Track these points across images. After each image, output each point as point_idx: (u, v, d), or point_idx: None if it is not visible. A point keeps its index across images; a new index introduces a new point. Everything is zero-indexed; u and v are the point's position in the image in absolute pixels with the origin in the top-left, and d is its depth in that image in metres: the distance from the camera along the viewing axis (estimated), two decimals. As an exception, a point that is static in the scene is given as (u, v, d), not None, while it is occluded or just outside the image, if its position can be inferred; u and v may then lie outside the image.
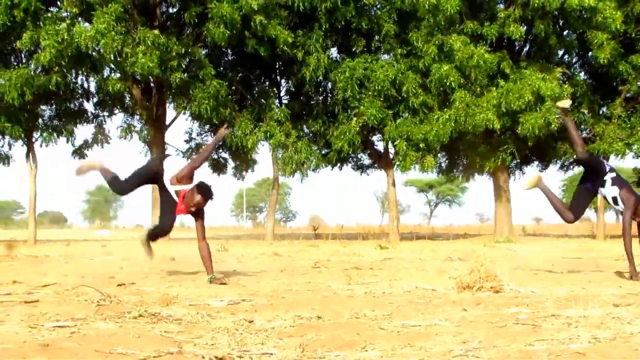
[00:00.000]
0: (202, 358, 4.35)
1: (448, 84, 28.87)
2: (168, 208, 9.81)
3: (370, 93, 29.91)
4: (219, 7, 27.14)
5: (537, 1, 28.08)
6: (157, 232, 10.16)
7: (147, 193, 35.49)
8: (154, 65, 26.56)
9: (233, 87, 32.63)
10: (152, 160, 11.00)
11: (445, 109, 29.66)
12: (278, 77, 34.95)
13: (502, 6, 30.96)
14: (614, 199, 10.43)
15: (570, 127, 11.05)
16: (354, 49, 31.89)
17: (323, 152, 33.86)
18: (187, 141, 35.43)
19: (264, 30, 28.03)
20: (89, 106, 33.49)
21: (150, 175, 9.84)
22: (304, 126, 33.60)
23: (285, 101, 34.39)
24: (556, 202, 10.92)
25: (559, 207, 10.84)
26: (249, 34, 28.52)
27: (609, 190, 10.44)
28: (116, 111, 34.09)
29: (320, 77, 31.29)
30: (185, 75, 29.26)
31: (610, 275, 11.03)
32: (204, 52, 30.14)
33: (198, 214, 9.62)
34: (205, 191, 9.47)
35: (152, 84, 31.55)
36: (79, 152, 33.20)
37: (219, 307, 6.91)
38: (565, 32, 32.79)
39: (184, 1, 29.66)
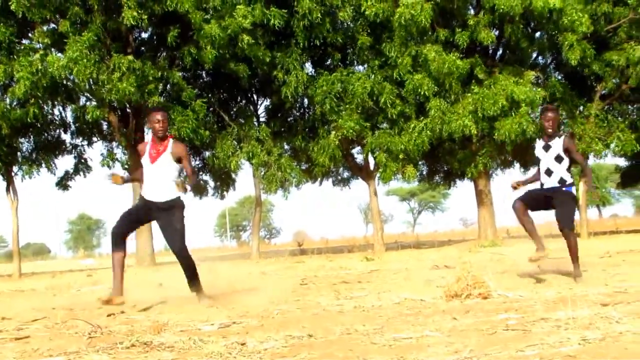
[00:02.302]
0: (197, 384, 4.37)
1: (422, 93, 28.92)
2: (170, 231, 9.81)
3: (347, 106, 29.95)
4: (207, 28, 27.11)
5: (503, 6, 28.23)
6: (185, 269, 9.98)
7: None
8: (134, 90, 26.52)
9: (211, 109, 32.58)
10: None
11: (422, 118, 29.73)
12: (255, 96, 34.92)
13: (472, 12, 31.11)
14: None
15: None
16: (329, 64, 31.95)
17: (304, 167, 33.89)
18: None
19: (250, 51, 28.03)
20: (67, 137, 33.43)
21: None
22: (285, 143, 33.60)
23: (264, 119, 34.40)
24: None
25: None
26: (230, 55, 28.50)
27: None
28: (95, 139, 33.98)
29: (297, 96, 31.25)
30: (163, 99, 29.23)
31: (596, 274, 11.08)
32: (180, 75, 30.04)
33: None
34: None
35: (128, 110, 31.45)
36: (62, 184, 33.12)
37: (210, 331, 6.91)
38: (537, 35, 32.94)
39: (160, 25, 29.56)
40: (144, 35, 32.18)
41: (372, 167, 33.51)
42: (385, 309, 7.97)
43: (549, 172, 10.42)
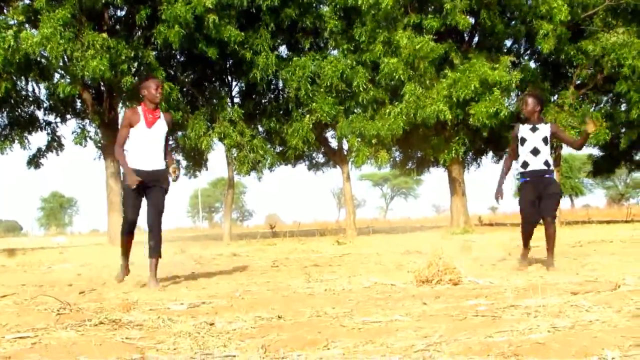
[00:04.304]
0: (164, 364, 4.34)
1: (397, 77, 28.90)
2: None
3: (322, 90, 29.92)
4: (172, 7, 26.99)
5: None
6: (155, 243, 9.83)
7: (102, 197, 35.15)
8: (105, 68, 26.36)
9: (185, 89, 32.47)
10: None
11: (397, 102, 29.73)
12: (229, 78, 34.82)
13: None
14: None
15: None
16: (301, 47, 31.92)
17: (278, 150, 33.87)
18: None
19: (217, 31, 27.94)
20: (40, 114, 33.25)
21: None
22: (258, 125, 33.55)
23: (238, 101, 34.30)
24: None
25: None
26: (199, 35, 28.41)
27: None
28: (68, 117, 33.79)
29: (271, 76, 31.20)
30: (136, 78, 29.10)
31: (567, 262, 11.11)
32: (153, 54, 29.89)
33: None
34: None
35: (102, 88, 31.28)
36: (34, 161, 32.96)
37: (180, 310, 6.88)
38: (512, 22, 32.99)
39: (133, 4, 29.40)
40: (120, 13, 31.97)
41: (345, 151, 33.51)
42: (356, 292, 7.96)
43: (535, 152, 10.39)
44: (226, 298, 7.79)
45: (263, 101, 34.14)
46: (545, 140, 10.40)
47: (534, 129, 10.46)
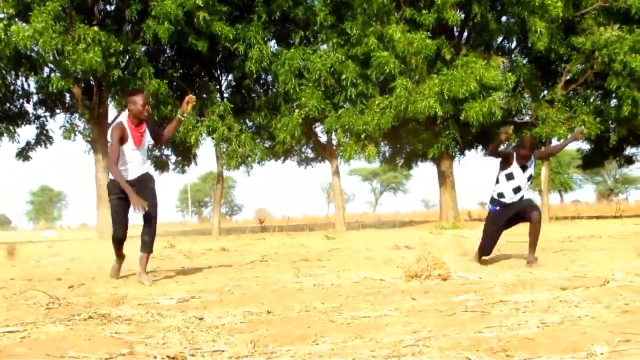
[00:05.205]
0: (154, 358, 4.32)
1: (388, 71, 28.88)
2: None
3: (310, 84, 29.88)
4: (162, 4, 26.93)
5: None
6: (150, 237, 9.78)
7: (91, 192, 35.13)
8: (100, 61, 26.29)
9: (174, 84, 32.42)
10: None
11: (387, 96, 29.72)
12: (218, 72, 34.77)
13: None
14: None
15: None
16: (291, 40, 31.88)
17: (267, 144, 33.86)
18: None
19: (207, 27, 27.91)
20: (29, 107, 33.17)
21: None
22: (247, 119, 33.52)
23: (227, 95, 34.24)
24: None
25: None
26: (190, 30, 28.36)
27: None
28: (57, 111, 33.72)
29: (261, 70, 31.17)
30: (126, 73, 29.03)
31: (556, 258, 11.14)
32: (142, 49, 29.83)
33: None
34: None
35: (92, 82, 31.19)
36: (23, 154, 32.90)
37: (169, 305, 6.87)
38: (504, 18, 33.00)
39: (123, -1, 29.38)
40: (109, 7, 31.87)
41: (334, 146, 33.50)
42: (345, 287, 7.97)
43: (517, 190, 10.61)
44: (215, 293, 7.78)
45: (252, 95, 34.08)
46: (529, 178, 10.66)
47: (524, 169, 10.62)
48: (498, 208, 10.67)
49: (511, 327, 4.78)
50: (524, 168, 10.58)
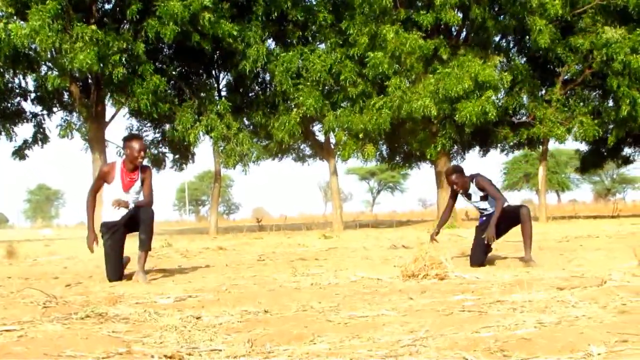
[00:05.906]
0: (151, 357, 4.32)
1: (382, 71, 28.90)
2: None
3: (308, 83, 29.89)
4: (167, 4, 26.90)
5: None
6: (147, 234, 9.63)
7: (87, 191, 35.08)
8: (93, 62, 26.25)
9: (172, 82, 32.42)
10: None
11: (382, 96, 29.74)
12: (217, 70, 34.76)
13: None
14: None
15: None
16: (289, 40, 31.85)
17: (264, 143, 33.88)
18: (127, 137, 34.97)
19: (212, 28, 27.88)
20: (27, 105, 33.18)
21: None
22: (245, 118, 33.51)
23: (225, 94, 34.24)
24: None
25: None
26: (194, 30, 28.29)
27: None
28: (55, 109, 33.70)
29: (259, 69, 31.22)
30: (127, 71, 29.02)
31: (553, 258, 11.15)
32: (143, 47, 29.82)
33: None
34: None
35: (90, 81, 31.16)
36: (19, 153, 32.87)
37: (166, 304, 6.87)
38: (502, 17, 32.96)
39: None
40: (107, 6, 31.85)
41: (332, 145, 33.52)
42: (342, 287, 7.96)
43: (481, 213, 10.90)
44: (213, 292, 7.77)
45: (250, 94, 34.10)
46: (482, 197, 10.69)
47: (468, 197, 10.85)
48: (485, 219, 10.69)
49: (508, 327, 4.78)
50: (468, 196, 10.83)
